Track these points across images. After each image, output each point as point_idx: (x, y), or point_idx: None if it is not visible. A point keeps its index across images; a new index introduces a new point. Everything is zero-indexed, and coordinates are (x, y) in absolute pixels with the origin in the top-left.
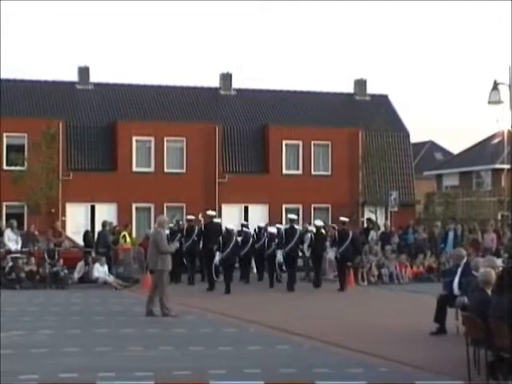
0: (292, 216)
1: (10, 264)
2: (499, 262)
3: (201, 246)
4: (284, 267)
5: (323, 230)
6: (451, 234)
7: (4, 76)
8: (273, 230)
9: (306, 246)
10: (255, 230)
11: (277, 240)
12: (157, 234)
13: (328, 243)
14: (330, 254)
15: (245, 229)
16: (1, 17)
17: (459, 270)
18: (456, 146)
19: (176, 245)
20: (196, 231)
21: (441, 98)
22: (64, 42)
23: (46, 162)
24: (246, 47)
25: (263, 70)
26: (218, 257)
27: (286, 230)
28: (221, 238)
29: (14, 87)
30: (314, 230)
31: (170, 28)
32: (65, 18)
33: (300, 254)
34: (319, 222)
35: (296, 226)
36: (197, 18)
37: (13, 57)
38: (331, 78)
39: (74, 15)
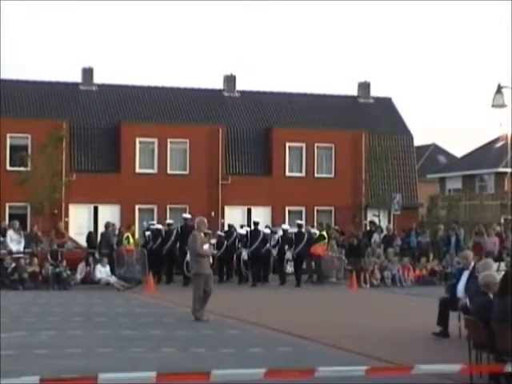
0: (256, 220)
1: (13, 265)
2: (502, 265)
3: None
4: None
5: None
6: (453, 239)
7: (7, 76)
8: (242, 231)
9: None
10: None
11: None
12: (191, 237)
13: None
14: (288, 253)
15: (218, 232)
16: (2, 17)
17: (466, 273)
18: (459, 149)
19: (212, 250)
20: (174, 234)
21: (444, 101)
22: (68, 43)
23: (51, 163)
24: (250, 49)
25: (267, 72)
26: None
27: (251, 231)
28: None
29: (18, 88)
30: (281, 232)
31: (174, 29)
32: (69, 18)
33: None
34: (286, 226)
35: (260, 228)
36: (200, 19)
37: (16, 57)
38: (335, 80)
39: (77, 16)
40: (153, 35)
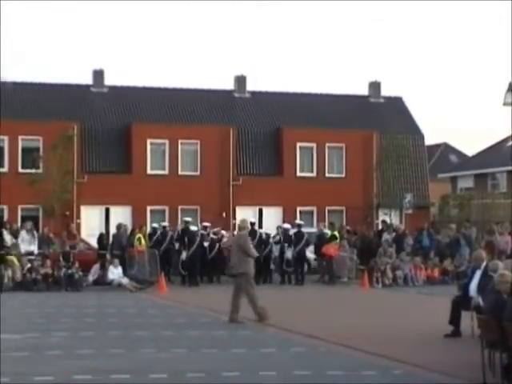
0: (252, 220)
1: (29, 265)
2: None
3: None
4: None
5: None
6: (463, 241)
7: (19, 79)
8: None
9: (274, 248)
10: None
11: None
12: (240, 238)
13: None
14: (288, 253)
15: (211, 234)
16: (15, 19)
17: (478, 272)
18: (471, 148)
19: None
20: (169, 236)
21: (455, 99)
22: (79, 45)
23: (62, 164)
24: (260, 50)
25: (277, 73)
26: (184, 254)
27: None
28: (186, 239)
29: (29, 90)
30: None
31: (185, 30)
32: (80, 20)
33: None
34: (287, 225)
35: (256, 229)
36: (211, 20)
37: (28, 60)
38: (345, 80)
39: (88, 18)
40: (163, 37)
